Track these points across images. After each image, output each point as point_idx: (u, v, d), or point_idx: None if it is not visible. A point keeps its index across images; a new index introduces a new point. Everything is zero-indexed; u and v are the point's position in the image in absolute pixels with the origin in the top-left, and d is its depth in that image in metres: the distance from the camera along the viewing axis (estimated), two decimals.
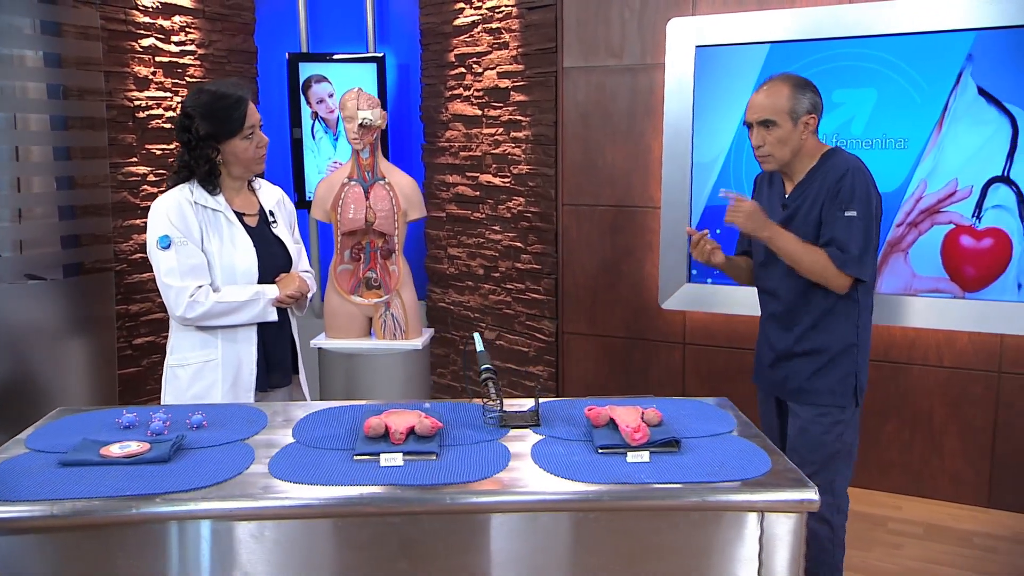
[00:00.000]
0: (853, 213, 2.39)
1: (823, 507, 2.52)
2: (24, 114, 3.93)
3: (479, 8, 4.49)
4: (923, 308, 3.68)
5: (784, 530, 1.70)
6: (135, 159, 4.28)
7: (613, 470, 1.75)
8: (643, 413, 1.95)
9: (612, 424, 1.94)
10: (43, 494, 1.62)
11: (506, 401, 2.10)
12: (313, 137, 4.76)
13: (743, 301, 3.94)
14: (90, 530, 1.61)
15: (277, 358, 2.55)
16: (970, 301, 3.59)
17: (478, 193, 4.64)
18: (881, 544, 3.44)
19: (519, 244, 4.46)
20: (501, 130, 4.47)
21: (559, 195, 4.29)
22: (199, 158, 2.40)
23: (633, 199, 4.16)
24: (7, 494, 1.62)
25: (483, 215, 4.63)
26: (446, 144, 4.78)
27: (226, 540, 1.64)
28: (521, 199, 4.41)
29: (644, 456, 1.81)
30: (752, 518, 1.69)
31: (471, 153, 4.64)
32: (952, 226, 3.60)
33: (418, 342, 3.33)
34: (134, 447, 1.79)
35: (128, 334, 4.28)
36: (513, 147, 4.41)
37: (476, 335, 2.14)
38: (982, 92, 3.50)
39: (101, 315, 4.16)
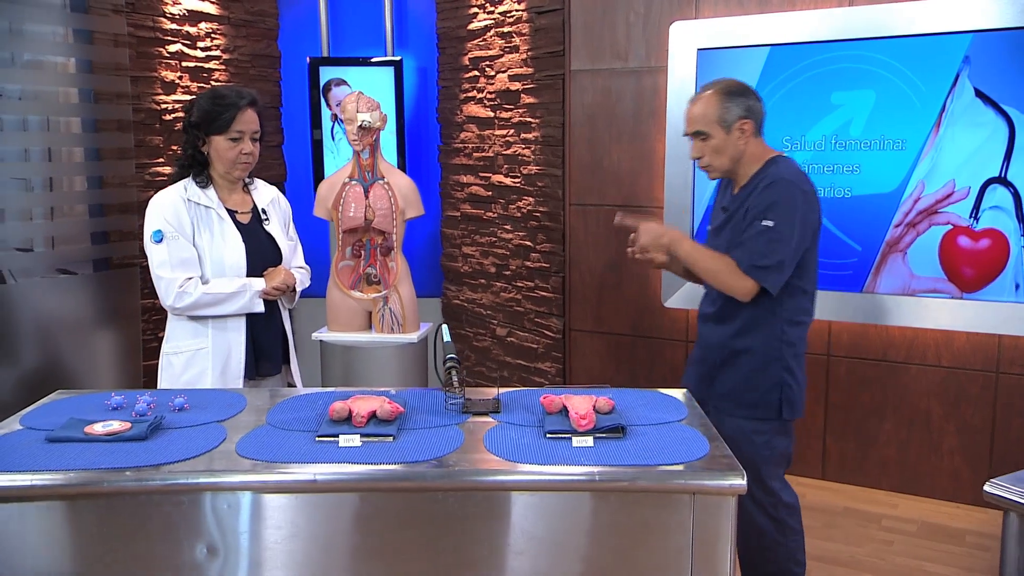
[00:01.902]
0: (769, 224, 2.39)
1: (765, 505, 2.57)
2: (58, 117, 4.16)
3: (492, 12, 4.61)
4: (921, 308, 3.70)
5: (716, 512, 1.78)
6: (161, 159, 4.48)
7: (556, 454, 1.85)
8: (595, 402, 2.05)
9: (564, 411, 2.04)
10: (27, 466, 1.78)
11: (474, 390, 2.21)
12: (333, 138, 4.93)
13: None
14: (67, 499, 1.77)
15: (266, 347, 2.70)
16: (968, 301, 3.60)
17: (490, 193, 4.76)
18: (872, 541, 3.48)
19: (528, 243, 4.56)
20: (512, 131, 4.58)
21: (566, 195, 4.39)
22: (187, 143, 2.60)
23: (638, 199, 4.24)
24: None
25: (495, 214, 4.75)
26: (460, 145, 4.91)
27: (190, 511, 1.78)
28: (530, 199, 4.52)
29: (588, 441, 1.91)
30: (685, 499, 1.78)
31: (484, 154, 4.76)
32: (950, 227, 3.62)
33: (414, 336, 3.47)
34: (116, 426, 1.94)
35: (153, 327, 4.49)
36: (523, 148, 4.53)
37: (443, 327, 2.25)
38: (979, 94, 3.51)
39: (127, 308, 4.37)
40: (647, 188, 4.21)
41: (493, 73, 4.64)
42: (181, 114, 4.52)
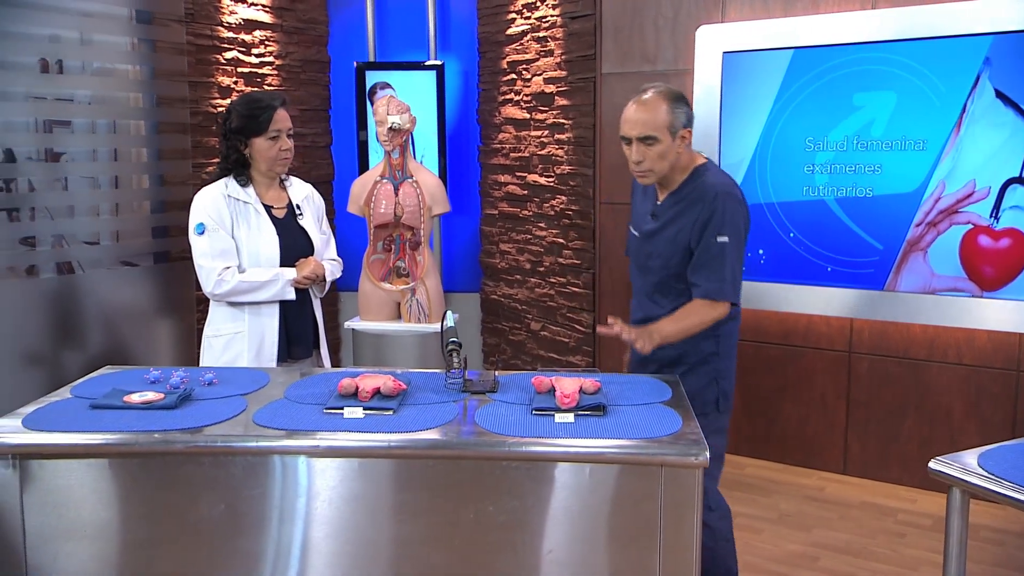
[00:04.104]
0: (725, 239, 2.43)
1: None
2: (125, 120, 4.49)
3: (528, 18, 4.79)
4: (942, 307, 3.75)
5: (683, 483, 1.93)
6: (216, 159, 4.76)
7: (538, 428, 2.03)
8: (582, 383, 2.21)
9: (553, 391, 2.21)
10: (72, 428, 2.04)
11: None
12: (378, 140, 5.16)
13: (770, 297, 4.10)
14: (104, 457, 2.02)
15: (298, 332, 2.93)
16: (988, 300, 3.64)
17: (526, 192, 4.94)
18: (885, 533, 3.55)
19: (561, 240, 4.73)
20: (546, 132, 4.75)
21: (597, 194, 4.54)
22: (229, 149, 2.83)
23: None
24: (45, 426, 2.05)
25: (530, 213, 4.93)
26: (499, 146, 5.10)
27: (210, 471, 2.01)
28: (563, 197, 4.69)
29: (569, 418, 2.07)
30: (655, 471, 1.94)
31: (520, 154, 4.94)
32: (970, 226, 3.66)
33: (439, 326, 3.66)
34: (150, 396, 2.19)
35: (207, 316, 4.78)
36: (557, 148, 4.70)
37: (448, 312, 2.44)
38: (999, 95, 3.55)
39: (184, 298, 4.68)
40: None
41: (529, 76, 4.82)
42: None
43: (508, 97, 4.99)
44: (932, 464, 1.95)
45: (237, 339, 2.83)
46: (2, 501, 2.00)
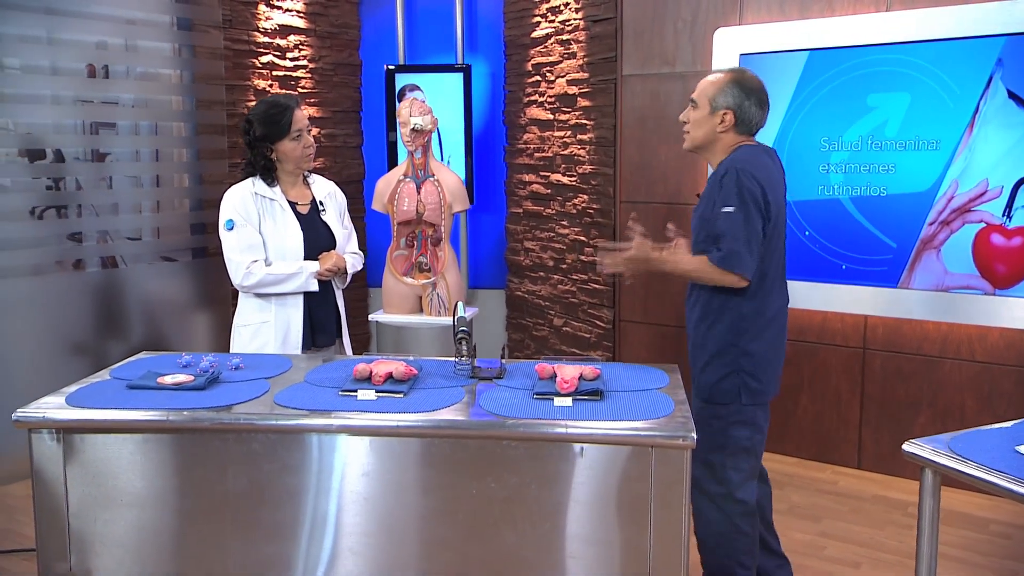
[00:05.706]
0: (731, 209, 2.44)
1: (715, 496, 2.58)
2: (167, 122, 4.71)
3: (552, 21, 4.92)
4: (955, 304, 3.80)
5: (673, 463, 2.05)
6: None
7: (537, 410, 2.16)
8: (582, 370, 2.34)
9: (555, 377, 2.34)
10: (110, 405, 2.22)
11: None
12: (402, 140, 5.32)
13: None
14: (139, 432, 2.20)
15: (321, 322, 3.09)
16: (1001, 298, 3.69)
17: (549, 191, 5.07)
18: (895, 525, 3.62)
19: (583, 238, 4.86)
20: (569, 133, 4.88)
21: (617, 193, 4.66)
22: (257, 156, 2.99)
23: (683, 196, 4.47)
24: (87, 404, 2.24)
25: (553, 211, 5.06)
26: (523, 146, 5.24)
27: (234, 446, 2.18)
28: (585, 196, 4.81)
29: (567, 402, 2.21)
30: (646, 452, 2.06)
31: (544, 154, 5.08)
32: (983, 225, 3.72)
33: None
34: (181, 378, 2.36)
35: None
36: (579, 148, 4.82)
37: (459, 303, 2.58)
38: (1012, 95, 3.60)
39: (220, 292, 4.89)
40: (692, 186, 4.44)
41: (553, 78, 4.95)
42: None
43: (533, 98, 5.13)
44: (905, 446, 2.05)
45: (264, 328, 3.01)
46: (48, 471, 2.19)
